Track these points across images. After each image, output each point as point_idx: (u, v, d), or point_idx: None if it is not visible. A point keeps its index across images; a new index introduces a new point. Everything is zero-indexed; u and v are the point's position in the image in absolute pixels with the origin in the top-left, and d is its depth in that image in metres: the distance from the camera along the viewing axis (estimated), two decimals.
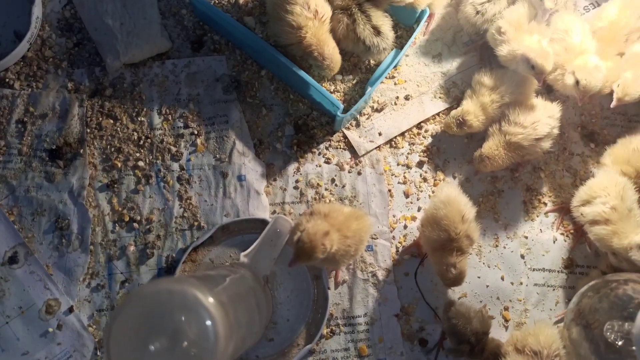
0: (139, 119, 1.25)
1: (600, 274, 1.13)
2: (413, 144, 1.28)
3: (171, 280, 0.75)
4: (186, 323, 0.61)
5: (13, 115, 1.23)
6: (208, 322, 0.61)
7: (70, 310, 1.13)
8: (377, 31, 1.19)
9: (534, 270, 1.22)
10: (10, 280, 1.14)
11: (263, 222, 1.17)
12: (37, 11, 1.26)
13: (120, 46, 1.24)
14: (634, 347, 0.86)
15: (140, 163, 1.23)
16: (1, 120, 1.23)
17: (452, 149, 1.28)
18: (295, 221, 1.10)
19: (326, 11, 1.17)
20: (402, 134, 1.28)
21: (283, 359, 1.14)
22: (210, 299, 0.64)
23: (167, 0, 1.32)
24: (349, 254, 1.05)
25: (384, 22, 1.20)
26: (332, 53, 1.18)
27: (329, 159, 1.26)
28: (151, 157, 1.24)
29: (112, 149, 1.23)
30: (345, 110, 1.19)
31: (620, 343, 0.90)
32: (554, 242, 1.23)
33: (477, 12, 1.25)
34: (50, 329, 1.12)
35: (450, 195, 1.08)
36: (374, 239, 1.22)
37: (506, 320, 1.19)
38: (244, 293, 0.90)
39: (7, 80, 1.25)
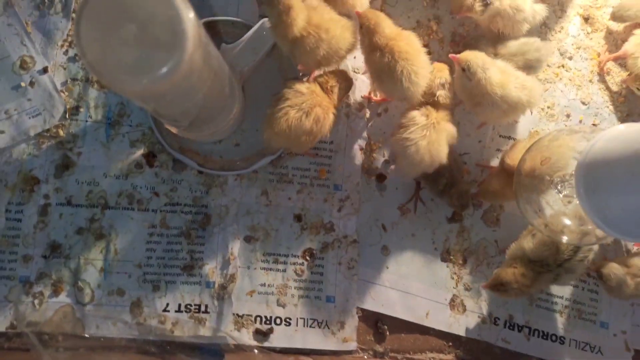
0: None
1: None
2: None
3: None
4: (159, 13, 0.60)
5: None
6: (181, 15, 0.61)
7: (45, 70, 1.13)
8: None
9: None
10: None
11: (249, 28, 1.15)
12: None
13: None
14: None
15: None
16: None
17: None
18: None
19: None
20: None
21: (245, 164, 1.17)
22: (191, 13, 0.63)
23: None
24: (318, 53, 0.99)
25: None
26: None
27: None
28: None
29: None
30: None
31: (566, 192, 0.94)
32: None
33: None
34: (23, 84, 1.13)
35: None
36: (356, 72, 1.22)
37: None
38: (218, 56, 0.88)
39: None
